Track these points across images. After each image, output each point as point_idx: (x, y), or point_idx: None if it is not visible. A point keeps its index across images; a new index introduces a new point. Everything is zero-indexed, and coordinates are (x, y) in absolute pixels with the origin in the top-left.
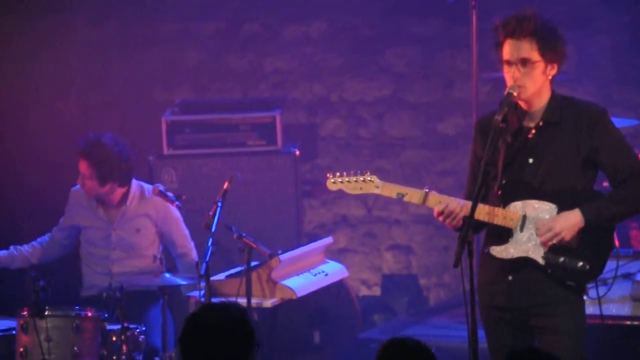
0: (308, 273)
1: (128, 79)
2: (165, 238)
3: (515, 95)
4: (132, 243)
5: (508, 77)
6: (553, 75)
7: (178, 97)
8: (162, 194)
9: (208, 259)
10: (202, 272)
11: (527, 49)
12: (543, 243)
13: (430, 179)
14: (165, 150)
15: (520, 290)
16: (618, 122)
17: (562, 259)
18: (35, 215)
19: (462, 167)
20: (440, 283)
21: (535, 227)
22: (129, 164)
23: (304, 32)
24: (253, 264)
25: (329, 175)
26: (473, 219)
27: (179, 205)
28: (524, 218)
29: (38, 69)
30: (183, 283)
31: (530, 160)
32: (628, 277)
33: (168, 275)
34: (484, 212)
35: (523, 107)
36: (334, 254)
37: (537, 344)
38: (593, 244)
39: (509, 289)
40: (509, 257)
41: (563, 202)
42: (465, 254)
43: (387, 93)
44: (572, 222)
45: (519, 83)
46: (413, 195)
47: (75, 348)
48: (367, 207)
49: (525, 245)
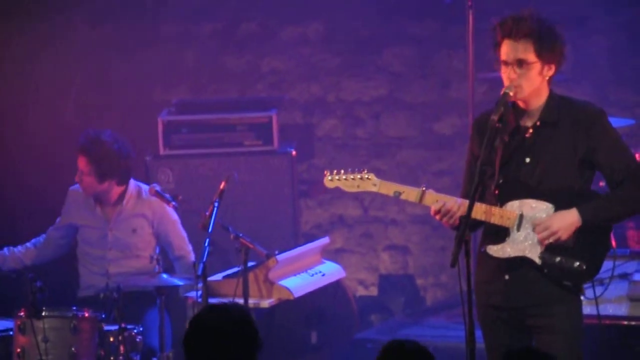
0: (305, 273)
1: (126, 80)
2: (162, 240)
3: (512, 95)
4: (128, 243)
5: (505, 77)
6: (551, 76)
7: (176, 97)
8: (158, 194)
9: (205, 260)
10: (199, 272)
11: (523, 50)
12: (540, 242)
13: (427, 179)
14: (162, 151)
15: (517, 290)
16: (614, 122)
17: (558, 259)
18: (35, 215)
19: (458, 167)
20: (437, 283)
21: (532, 226)
22: (128, 162)
23: (301, 32)
24: (250, 265)
25: (327, 173)
26: (470, 218)
27: (176, 206)
28: (521, 217)
29: (37, 69)
30: (180, 284)
31: (527, 160)
32: (625, 277)
33: (165, 276)
34: (481, 211)
35: (521, 106)
36: (331, 254)
37: (534, 344)
38: (590, 244)
39: (506, 289)
40: (506, 256)
41: (560, 201)
42: (462, 254)
43: (383, 93)
44: (569, 221)
45: (515, 83)
46: (410, 194)
47: (73, 349)
48: (363, 207)
49: (522, 245)
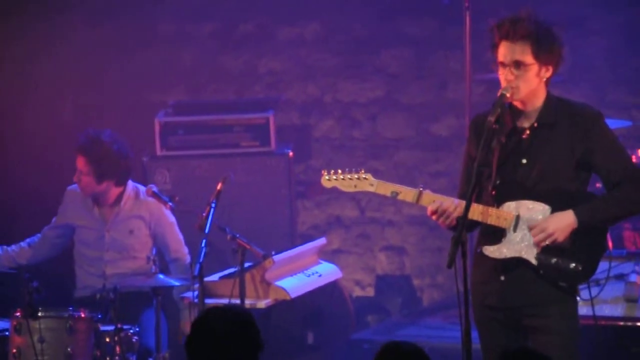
0: (302, 274)
1: (124, 80)
2: (159, 241)
3: (508, 97)
4: (125, 245)
5: (502, 78)
6: (548, 78)
7: (173, 98)
8: (155, 195)
9: (202, 260)
10: (195, 273)
11: (521, 52)
12: (536, 243)
13: (424, 180)
14: (159, 151)
15: (513, 290)
16: (612, 123)
17: (554, 260)
18: (32, 215)
19: (455, 168)
20: (434, 284)
21: (529, 227)
22: (127, 163)
23: (298, 33)
24: (247, 265)
25: (324, 172)
26: (467, 219)
27: (173, 207)
28: (518, 218)
29: (36, 69)
30: (176, 284)
31: (524, 161)
32: (621, 278)
33: (162, 276)
34: (478, 211)
35: (518, 107)
36: (328, 255)
37: (530, 344)
38: (586, 245)
39: (502, 289)
40: (502, 257)
41: (556, 203)
42: (459, 255)
43: (380, 94)
44: (565, 223)
45: (512, 85)
46: (407, 194)
47: (69, 349)
48: (360, 208)
49: (518, 246)
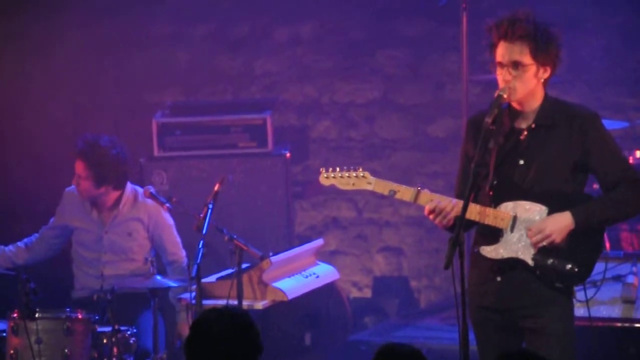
0: (299, 275)
1: (121, 81)
2: (157, 243)
3: (505, 97)
4: (123, 247)
5: (500, 79)
6: (546, 78)
7: (170, 99)
8: (153, 196)
9: (199, 261)
10: (193, 274)
11: (519, 52)
12: (533, 244)
13: (421, 181)
14: (156, 152)
15: (509, 291)
16: (609, 124)
17: (551, 261)
18: (29, 217)
19: (452, 169)
20: (431, 285)
21: (526, 228)
22: (126, 167)
23: (295, 34)
24: (244, 266)
25: (322, 170)
26: (464, 219)
27: (170, 208)
28: (515, 219)
29: (32, 71)
30: (174, 285)
31: (521, 162)
32: (618, 279)
33: (159, 278)
34: (475, 211)
35: (516, 108)
36: (325, 256)
37: (525, 345)
38: (583, 247)
39: (498, 290)
40: (499, 257)
41: (553, 204)
42: (456, 256)
43: (377, 95)
44: (562, 224)
45: (510, 85)
46: (405, 193)
47: (66, 350)
48: (357, 209)
49: (515, 246)
